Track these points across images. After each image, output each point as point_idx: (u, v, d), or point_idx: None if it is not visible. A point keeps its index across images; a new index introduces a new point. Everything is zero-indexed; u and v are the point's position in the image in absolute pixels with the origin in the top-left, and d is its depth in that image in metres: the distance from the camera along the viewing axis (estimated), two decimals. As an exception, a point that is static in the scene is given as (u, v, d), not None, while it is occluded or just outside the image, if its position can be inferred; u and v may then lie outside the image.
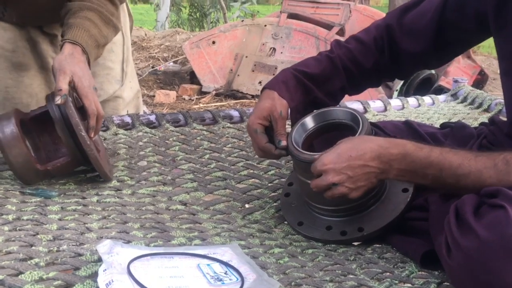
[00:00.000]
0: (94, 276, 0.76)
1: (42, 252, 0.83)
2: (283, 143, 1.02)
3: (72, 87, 1.09)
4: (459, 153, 0.85)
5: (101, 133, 1.34)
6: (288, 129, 1.09)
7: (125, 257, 0.79)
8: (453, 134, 1.13)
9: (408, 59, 1.09)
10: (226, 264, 0.82)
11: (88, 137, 1.07)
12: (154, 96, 4.45)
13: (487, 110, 1.75)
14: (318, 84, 1.09)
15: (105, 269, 0.75)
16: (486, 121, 1.18)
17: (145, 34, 6.33)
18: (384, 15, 4.68)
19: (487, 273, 0.72)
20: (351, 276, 0.85)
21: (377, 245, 0.99)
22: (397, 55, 1.09)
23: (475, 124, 1.45)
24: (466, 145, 1.06)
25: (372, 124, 1.12)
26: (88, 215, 1.00)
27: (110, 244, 0.81)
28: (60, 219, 0.97)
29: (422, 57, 1.09)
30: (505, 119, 1.06)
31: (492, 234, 0.73)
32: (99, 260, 0.79)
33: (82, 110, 1.10)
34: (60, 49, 1.15)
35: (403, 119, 1.28)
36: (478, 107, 1.78)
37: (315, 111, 1.08)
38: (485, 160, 0.83)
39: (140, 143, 1.35)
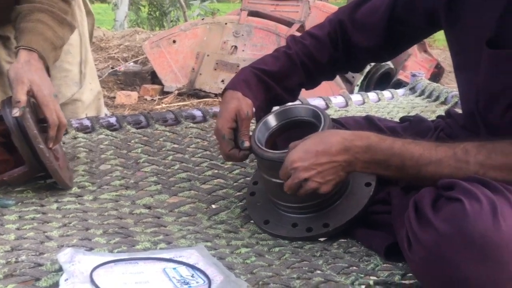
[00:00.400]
0: (55, 286, 0.74)
1: (0, 263, 0.80)
2: (246, 144, 1.03)
3: (31, 96, 1.05)
4: (421, 143, 0.87)
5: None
6: (253, 127, 1.09)
7: (88, 265, 0.76)
8: (411, 128, 1.16)
9: (361, 53, 1.12)
10: (192, 267, 0.81)
11: (47, 149, 1.03)
12: (114, 97, 4.37)
13: (444, 103, 1.80)
14: (277, 81, 1.10)
15: (67, 279, 0.73)
16: (443, 113, 1.22)
17: (104, 34, 6.19)
18: (342, 11, 4.67)
19: (446, 265, 0.74)
20: (318, 272, 0.86)
21: (343, 240, 1.00)
22: (350, 49, 1.12)
23: (433, 116, 1.49)
24: (425, 138, 1.09)
25: (333, 120, 1.14)
26: (48, 223, 0.96)
27: (71, 253, 0.79)
28: (18, 229, 0.93)
29: (374, 51, 1.12)
30: (460, 111, 1.09)
31: (449, 227, 0.74)
32: (60, 269, 0.77)
33: (42, 120, 1.06)
34: (16, 57, 1.10)
35: (364, 114, 1.30)
36: (435, 100, 1.83)
37: (277, 109, 1.08)
38: (445, 149, 0.85)
39: (101, 146, 1.31)
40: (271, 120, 1.07)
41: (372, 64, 3.95)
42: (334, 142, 0.88)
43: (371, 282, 0.82)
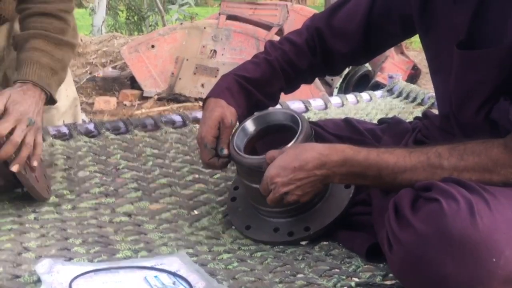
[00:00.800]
0: (33, 298, 0.72)
1: (-25, 277, 0.78)
2: (225, 151, 1.03)
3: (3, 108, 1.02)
4: (395, 152, 0.89)
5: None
6: None
7: (67, 275, 0.75)
8: (390, 129, 1.17)
9: (339, 58, 1.14)
10: (174, 274, 0.81)
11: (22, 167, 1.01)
12: (93, 103, 4.32)
13: (421, 104, 1.83)
14: (258, 87, 1.11)
15: (46, 290, 0.72)
16: (420, 115, 1.24)
17: (81, 40, 6.12)
18: (320, 14, 4.70)
19: (425, 265, 0.75)
20: (300, 276, 0.86)
21: (324, 243, 1.00)
22: (328, 55, 1.14)
23: (411, 117, 1.50)
24: (403, 139, 1.10)
25: (313, 123, 1.14)
26: (25, 234, 0.95)
27: (50, 263, 0.77)
28: (-6, 240, 0.91)
29: (352, 56, 1.14)
30: (437, 112, 1.11)
31: (428, 226, 0.75)
32: (38, 280, 0.76)
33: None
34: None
35: (343, 116, 1.32)
36: (412, 101, 1.85)
37: (255, 114, 1.08)
38: (418, 155, 0.87)
39: (79, 153, 1.29)
40: (249, 125, 1.07)
41: (350, 67, 4.00)
42: (310, 158, 0.90)
43: (353, 284, 0.83)
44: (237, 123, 1.08)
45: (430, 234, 0.74)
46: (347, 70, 3.97)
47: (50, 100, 1.17)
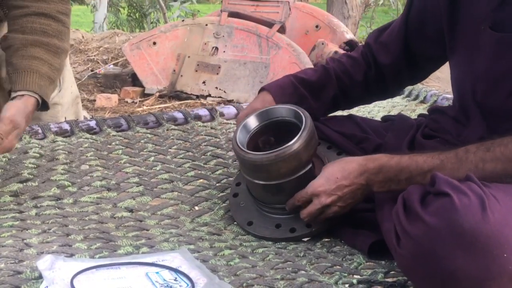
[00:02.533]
0: (35, 294, 0.72)
1: (-23, 273, 0.78)
2: None
3: None
4: (425, 152, 0.91)
5: (38, 141, 1.28)
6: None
7: (68, 271, 0.75)
8: (394, 126, 1.17)
9: (386, 73, 1.16)
10: (175, 270, 0.80)
11: None
12: (94, 100, 4.32)
13: (423, 102, 1.82)
14: (313, 92, 1.15)
15: (47, 286, 0.72)
16: (422, 112, 1.24)
17: (83, 37, 6.12)
18: (323, 11, 4.76)
19: (435, 259, 0.75)
20: (302, 272, 0.86)
21: (326, 240, 1.00)
22: (377, 68, 1.16)
23: (413, 115, 1.50)
24: (407, 136, 1.10)
25: (316, 120, 1.14)
26: (27, 230, 0.95)
27: (51, 259, 0.77)
28: (-5, 237, 0.91)
29: (396, 69, 1.16)
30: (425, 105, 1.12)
31: (438, 220, 0.75)
32: (40, 277, 0.76)
33: None
34: (9, 97, 1.10)
35: (346, 113, 1.31)
36: (415, 99, 1.85)
37: (258, 110, 1.08)
38: (447, 153, 0.89)
39: (81, 149, 1.29)
40: (252, 121, 1.06)
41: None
42: (352, 169, 0.94)
43: (355, 281, 0.83)
44: None
45: (440, 228, 0.74)
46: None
47: (42, 106, 1.17)
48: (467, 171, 0.83)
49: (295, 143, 0.95)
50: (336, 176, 0.95)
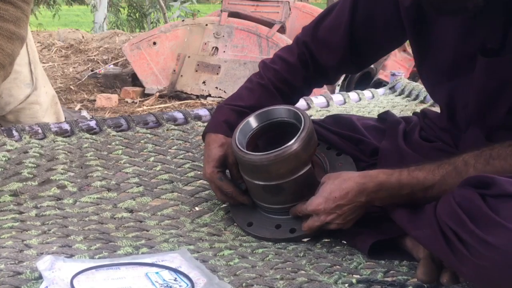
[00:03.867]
0: (35, 294, 0.72)
1: (-23, 273, 0.78)
2: (244, 185, 1.05)
3: None
4: (424, 167, 0.90)
5: (37, 141, 1.28)
6: None
7: (68, 272, 0.75)
8: (387, 132, 1.16)
9: (329, 70, 1.14)
10: (175, 270, 0.81)
11: None
12: (95, 100, 4.32)
13: (423, 102, 1.83)
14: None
15: (47, 286, 0.72)
16: (413, 107, 1.24)
17: (83, 37, 6.12)
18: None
19: None
20: (302, 272, 0.86)
21: (326, 240, 1.00)
22: (320, 68, 1.14)
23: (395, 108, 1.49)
24: (397, 135, 1.10)
25: (313, 121, 1.14)
26: (27, 231, 0.94)
27: (51, 260, 0.77)
28: (-5, 237, 0.91)
29: (342, 67, 1.15)
30: (435, 109, 1.12)
31: None
32: (40, 277, 0.75)
33: None
34: None
35: (345, 114, 1.31)
36: (415, 99, 1.85)
37: (257, 111, 1.08)
38: (446, 166, 0.87)
39: (81, 149, 1.29)
40: (252, 121, 1.06)
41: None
42: (349, 188, 0.93)
43: (354, 281, 0.83)
44: None
45: None
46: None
47: None
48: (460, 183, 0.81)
49: (294, 143, 0.96)
50: (335, 195, 0.93)
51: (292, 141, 0.96)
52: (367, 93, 1.90)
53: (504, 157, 0.83)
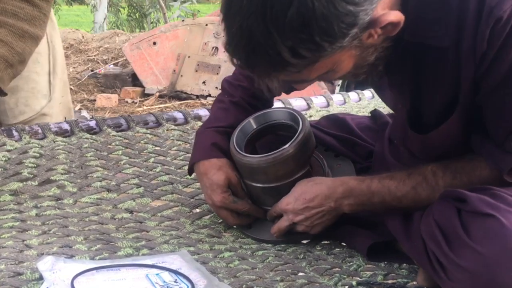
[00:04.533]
0: (35, 295, 0.72)
1: (-23, 274, 0.78)
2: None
3: None
4: (395, 176, 0.90)
5: (37, 141, 1.28)
6: None
7: (69, 272, 0.75)
8: (379, 134, 1.16)
9: None
10: (175, 272, 0.81)
11: None
12: (94, 100, 4.32)
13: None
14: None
15: (47, 287, 0.72)
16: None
17: (83, 37, 6.12)
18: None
19: (502, 287, 0.70)
20: (301, 274, 0.86)
21: (326, 242, 1.00)
22: None
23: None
24: (384, 133, 1.11)
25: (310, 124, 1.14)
26: (27, 231, 0.94)
27: (52, 260, 0.77)
28: (-5, 237, 0.91)
29: None
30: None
31: (493, 247, 0.71)
32: (41, 278, 0.76)
33: None
34: None
35: (339, 114, 1.31)
36: (415, 100, 1.85)
37: (255, 113, 1.08)
38: (416, 176, 0.88)
39: (81, 149, 1.29)
40: (250, 124, 1.06)
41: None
42: (318, 191, 0.94)
43: (354, 283, 0.83)
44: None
45: (497, 255, 0.70)
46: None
47: None
48: (440, 193, 0.83)
49: (292, 145, 0.96)
50: (305, 197, 0.95)
51: (290, 143, 0.96)
52: (367, 93, 1.90)
53: (468, 172, 0.85)
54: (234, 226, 1.06)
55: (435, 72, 0.81)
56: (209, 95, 4.23)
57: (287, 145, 0.96)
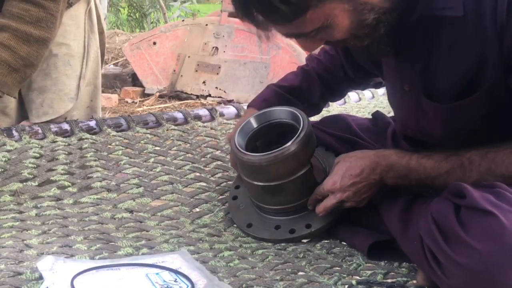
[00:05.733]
0: (35, 295, 0.72)
1: (-23, 273, 0.78)
2: None
3: None
4: (433, 156, 0.90)
5: (37, 141, 1.28)
6: None
7: (68, 272, 0.75)
8: (376, 124, 1.20)
9: (348, 68, 1.19)
10: (175, 271, 0.81)
11: None
12: (95, 100, 4.30)
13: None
14: (298, 96, 1.18)
15: (47, 287, 0.72)
16: None
17: (83, 36, 6.10)
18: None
19: (494, 286, 0.70)
20: (301, 274, 0.86)
21: (326, 241, 1.01)
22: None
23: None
24: (386, 133, 1.12)
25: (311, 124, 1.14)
26: (27, 231, 0.95)
27: (52, 260, 0.77)
28: (-5, 237, 0.91)
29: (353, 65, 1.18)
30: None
31: (491, 245, 0.70)
32: (40, 277, 0.76)
33: None
34: None
35: (341, 114, 1.31)
36: (415, 100, 1.85)
37: (256, 112, 1.08)
38: (454, 160, 0.87)
39: (81, 149, 1.29)
40: (251, 123, 1.06)
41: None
42: (364, 166, 0.95)
43: (354, 282, 0.83)
44: None
45: (495, 253, 0.70)
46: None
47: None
48: (472, 182, 0.82)
49: (293, 144, 0.96)
50: (350, 173, 0.95)
51: (291, 142, 0.96)
52: (367, 93, 1.90)
53: (507, 165, 0.83)
54: (234, 224, 1.07)
55: (451, 47, 0.80)
56: (209, 95, 4.23)
57: (287, 144, 0.96)
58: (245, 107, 1.51)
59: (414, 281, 0.85)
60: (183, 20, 4.70)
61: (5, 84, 1.12)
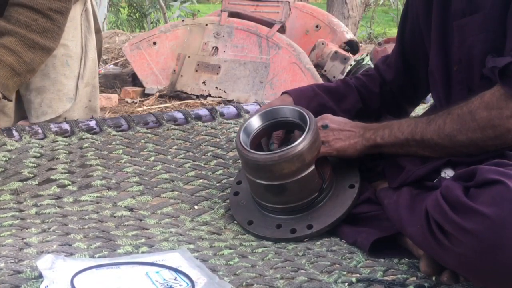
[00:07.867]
0: (35, 293, 0.72)
1: (-23, 272, 0.78)
2: (275, 146, 1.08)
3: None
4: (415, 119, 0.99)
5: (38, 141, 1.28)
6: None
7: (68, 271, 0.75)
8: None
9: (393, 88, 1.23)
10: (175, 270, 0.81)
11: None
12: (95, 100, 4.30)
13: (423, 102, 1.82)
14: (334, 98, 1.20)
15: (47, 286, 0.72)
16: (422, 112, 1.31)
17: (83, 37, 6.10)
18: (323, 11, 4.76)
19: (504, 250, 0.70)
20: (301, 271, 0.86)
21: (326, 239, 1.00)
22: (387, 85, 1.23)
23: (413, 114, 1.50)
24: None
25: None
26: (27, 229, 0.95)
27: (51, 259, 0.77)
28: (-5, 236, 0.91)
29: (399, 86, 1.23)
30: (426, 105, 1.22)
31: (499, 210, 0.70)
32: (40, 276, 0.75)
33: None
34: None
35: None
36: (415, 99, 1.85)
37: (262, 110, 1.08)
38: (420, 117, 0.97)
39: (81, 148, 1.29)
40: (256, 120, 1.06)
41: (353, 63, 3.99)
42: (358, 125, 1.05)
43: (354, 279, 0.83)
44: None
45: (504, 218, 0.69)
46: (349, 67, 3.96)
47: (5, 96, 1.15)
48: (433, 131, 0.91)
49: (300, 144, 0.95)
50: (344, 121, 1.05)
51: (297, 141, 0.95)
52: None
53: (461, 106, 0.91)
54: (235, 221, 1.06)
55: None
56: (209, 95, 4.23)
57: (294, 144, 0.95)
58: (245, 107, 1.51)
59: (414, 278, 0.85)
60: (183, 20, 4.70)
61: (6, 87, 1.14)
